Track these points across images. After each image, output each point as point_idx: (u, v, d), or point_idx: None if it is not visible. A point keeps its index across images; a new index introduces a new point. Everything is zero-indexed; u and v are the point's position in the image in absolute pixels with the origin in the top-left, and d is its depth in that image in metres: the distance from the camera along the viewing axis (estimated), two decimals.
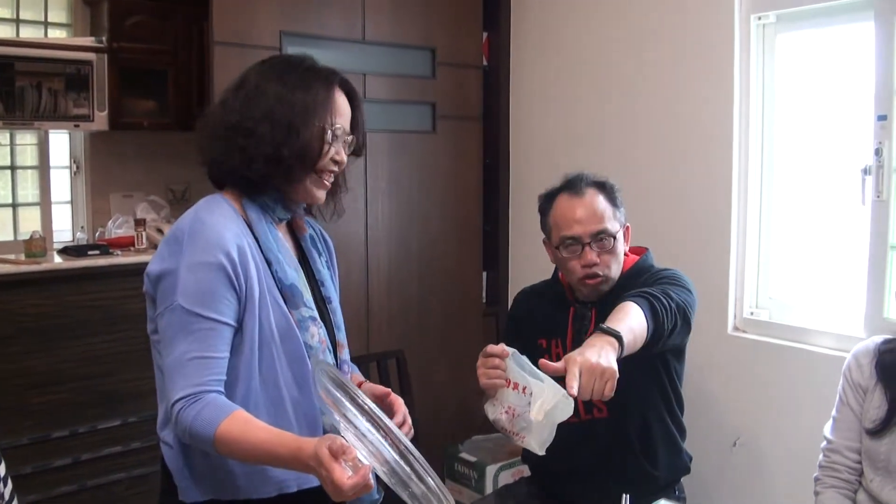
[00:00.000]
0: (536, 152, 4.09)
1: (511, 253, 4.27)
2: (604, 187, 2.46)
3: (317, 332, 1.82)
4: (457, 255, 4.08)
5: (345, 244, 3.62)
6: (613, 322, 2.03)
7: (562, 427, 2.27)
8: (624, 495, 1.98)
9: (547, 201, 2.53)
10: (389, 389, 1.88)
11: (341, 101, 1.85)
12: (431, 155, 3.94)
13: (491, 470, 3.80)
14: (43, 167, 3.74)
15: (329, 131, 1.80)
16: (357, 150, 1.92)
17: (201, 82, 3.53)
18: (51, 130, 3.64)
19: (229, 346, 1.69)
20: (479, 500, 2.99)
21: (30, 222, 3.66)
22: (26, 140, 3.75)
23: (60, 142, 3.84)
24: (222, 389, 1.67)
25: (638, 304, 2.11)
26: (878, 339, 2.24)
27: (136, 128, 3.63)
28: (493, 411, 2.10)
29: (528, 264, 4.11)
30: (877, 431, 2.14)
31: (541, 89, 4.04)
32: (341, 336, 1.95)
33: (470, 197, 4.13)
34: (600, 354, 1.89)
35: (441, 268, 4.02)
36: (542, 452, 2.06)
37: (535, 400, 2.01)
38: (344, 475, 1.42)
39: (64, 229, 3.82)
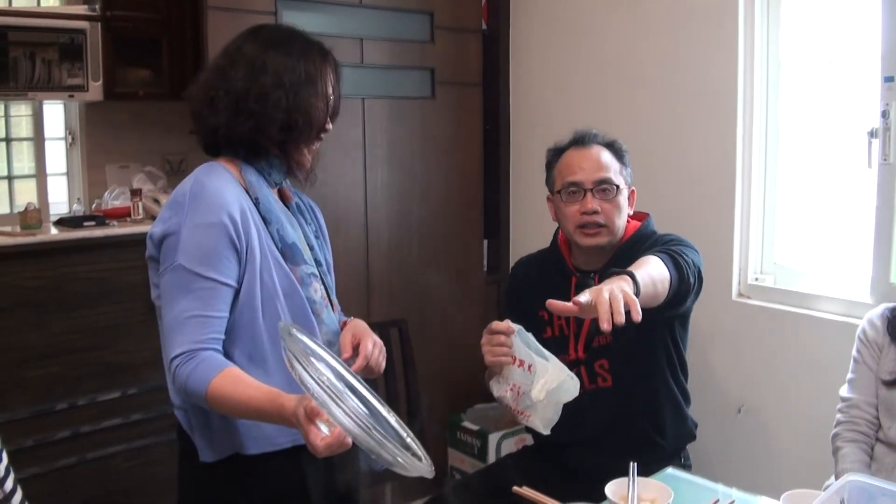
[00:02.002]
0: (538, 118, 4.04)
1: (512, 221, 4.24)
2: (612, 145, 2.45)
3: (319, 288, 1.89)
4: (457, 224, 4.04)
5: (344, 213, 3.59)
6: (637, 271, 1.95)
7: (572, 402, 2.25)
8: (631, 463, 1.97)
9: (554, 155, 2.52)
10: (365, 336, 1.91)
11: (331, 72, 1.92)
12: (431, 122, 3.90)
13: (493, 438, 3.80)
14: (38, 139, 3.69)
15: (331, 99, 1.90)
16: (333, 118, 1.97)
17: (196, 50, 3.48)
18: (45, 101, 3.60)
19: (229, 305, 1.74)
20: (481, 469, 2.97)
21: (25, 194, 3.62)
22: (21, 111, 3.71)
23: (55, 113, 3.80)
24: (219, 348, 1.72)
25: (657, 257, 2.08)
26: (890, 305, 2.31)
27: (132, 98, 3.58)
28: (499, 388, 2.12)
29: (530, 232, 4.08)
30: (893, 382, 2.22)
31: (542, 54, 3.99)
32: (334, 298, 2.02)
33: (470, 164, 4.09)
34: (617, 287, 1.82)
35: (441, 236, 3.98)
36: (546, 432, 2.06)
37: (539, 379, 2.04)
38: (318, 436, 1.47)
39: (60, 201, 3.78)
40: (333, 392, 1.38)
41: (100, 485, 3.10)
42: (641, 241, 2.41)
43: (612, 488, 1.89)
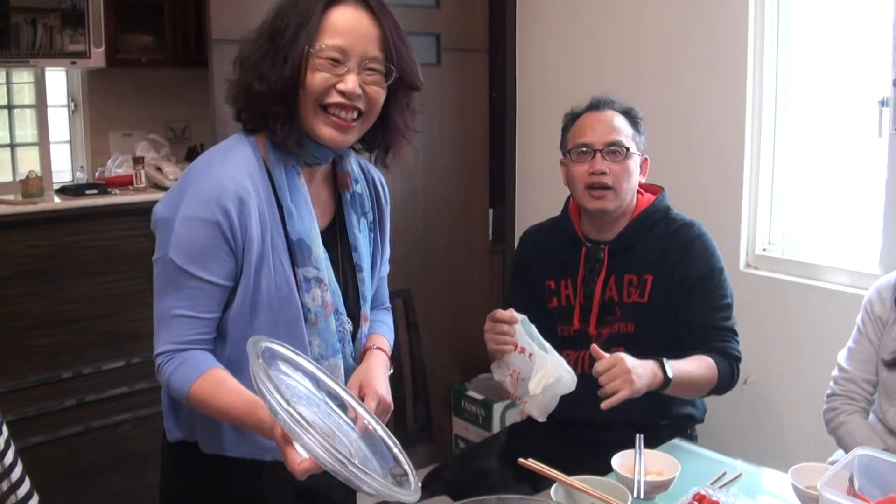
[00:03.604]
0: (544, 85, 4.00)
1: (518, 189, 4.21)
2: (629, 112, 2.44)
3: (320, 296, 1.68)
4: (463, 192, 4.02)
5: None
6: (677, 363, 2.15)
7: (582, 379, 2.27)
8: (637, 435, 1.97)
9: (570, 119, 2.51)
10: (369, 392, 1.73)
11: (345, 19, 1.62)
12: (436, 88, 3.85)
13: (498, 408, 3.80)
14: (40, 106, 3.68)
15: (311, 55, 1.59)
16: (406, 82, 1.73)
17: (199, 15, 3.44)
18: (47, 68, 3.57)
19: (220, 304, 1.63)
20: (488, 438, 2.97)
21: (28, 162, 3.60)
22: (23, 78, 3.69)
23: (58, 80, 3.77)
24: (207, 346, 1.63)
25: (717, 362, 2.25)
26: None
27: (134, 64, 3.56)
28: (499, 373, 2.18)
29: (535, 201, 4.05)
30: (894, 363, 2.15)
31: (549, 19, 3.94)
32: (366, 308, 1.83)
33: (476, 132, 4.05)
34: (642, 371, 2.03)
35: (447, 205, 3.95)
36: (542, 419, 2.12)
37: (536, 371, 2.09)
38: (296, 459, 1.36)
39: (64, 169, 3.77)
40: (302, 422, 1.26)
41: (105, 453, 3.12)
42: (654, 216, 2.41)
43: (618, 461, 1.89)
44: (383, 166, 1.83)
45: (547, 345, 2.12)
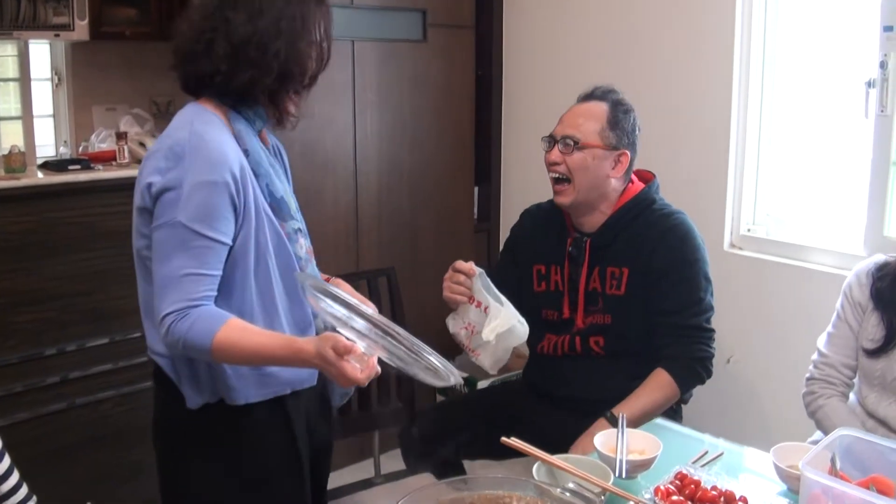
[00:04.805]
0: (531, 63, 3.99)
1: (503, 167, 4.21)
2: (614, 104, 2.43)
3: (304, 244, 1.88)
4: (448, 170, 4.00)
5: (332, 158, 3.55)
6: (628, 404, 2.24)
7: (559, 359, 2.32)
8: (620, 414, 1.98)
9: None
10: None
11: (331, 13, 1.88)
12: (422, 65, 3.83)
13: (482, 385, 3.81)
14: (24, 79, 3.63)
15: (325, 45, 1.85)
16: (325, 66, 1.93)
17: None
18: (31, 41, 3.53)
19: (223, 263, 1.74)
20: (458, 397, 3.00)
21: (12, 136, 3.56)
22: (7, 51, 3.64)
23: (41, 52, 3.73)
24: (212, 304, 1.72)
25: (673, 378, 2.31)
26: (880, 259, 2.23)
27: (118, 38, 3.52)
28: (454, 325, 2.28)
29: (521, 179, 4.05)
30: (874, 351, 2.16)
31: None
32: (309, 243, 1.99)
33: (462, 109, 4.04)
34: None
35: (432, 182, 3.94)
36: (493, 371, 2.23)
37: (491, 321, 2.17)
38: (356, 370, 1.61)
39: (47, 144, 3.73)
40: (370, 319, 1.56)
41: (88, 430, 3.10)
42: (637, 208, 2.44)
43: (600, 439, 1.90)
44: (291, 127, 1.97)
45: (502, 297, 2.21)
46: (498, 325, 2.15)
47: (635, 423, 2.13)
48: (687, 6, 3.27)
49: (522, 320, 2.17)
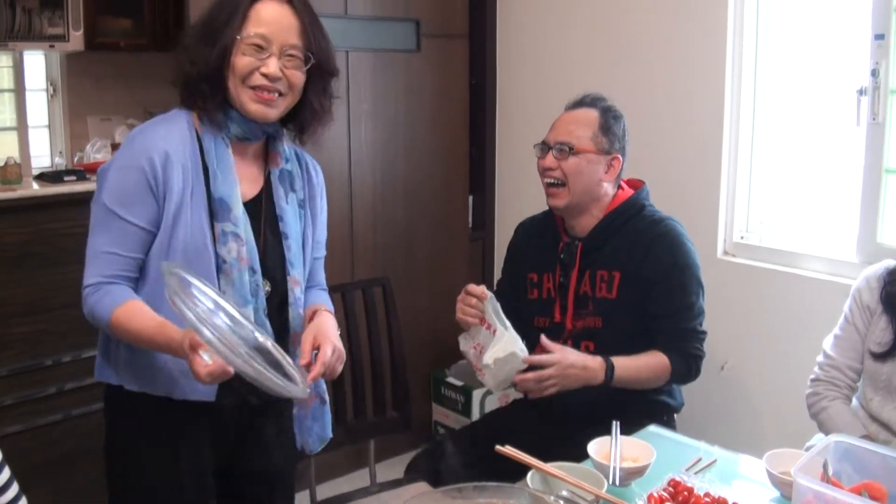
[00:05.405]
0: (525, 72, 4.00)
1: (498, 176, 4.21)
2: (605, 111, 2.49)
3: (236, 249, 1.84)
4: (443, 179, 4.02)
5: (327, 168, 3.48)
6: (625, 360, 2.33)
7: None
8: (614, 422, 1.99)
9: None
10: (325, 341, 1.87)
11: (269, 12, 1.83)
12: (416, 75, 3.85)
13: (477, 394, 3.82)
14: (19, 90, 3.64)
15: (238, 42, 1.80)
16: (324, 68, 1.92)
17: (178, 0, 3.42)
18: (25, 52, 3.54)
19: (143, 248, 1.80)
20: (466, 426, 2.99)
21: (7, 147, 3.56)
22: (2, 62, 3.65)
23: (36, 63, 3.73)
24: (128, 284, 1.81)
25: (670, 357, 2.38)
26: (891, 264, 2.24)
27: (113, 48, 3.53)
28: (465, 344, 2.37)
29: (515, 187, 4.06)
30: (882, 355, 2.17)
31: (530, 6, 3.93)
32: (296, 273, 1.97)
33: (456, 119, 4.05)
34: (580, 372, 2.29)
35: (427, 192, 3.95)
36: (497, 392, 2.22)
37: (494, 345, 2.25)
38: (201, 364, 1.59)
39: (42, 154, 3.74)
40: (209, 324, 1.51)
41: (85, 441, 3.09)
42: (627, 213, 2.48)
43: (594, 447, 1.91)
44: (301, 143, 2.03)
45: (507, 323, 2.27)
46: (497, 351, 2.23)
47: (623, 381, 2.32)
48: (679, 14, 3.29)
49: (523, 347, 2.24)
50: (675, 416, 2.57)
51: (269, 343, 1.77)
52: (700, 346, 2.43)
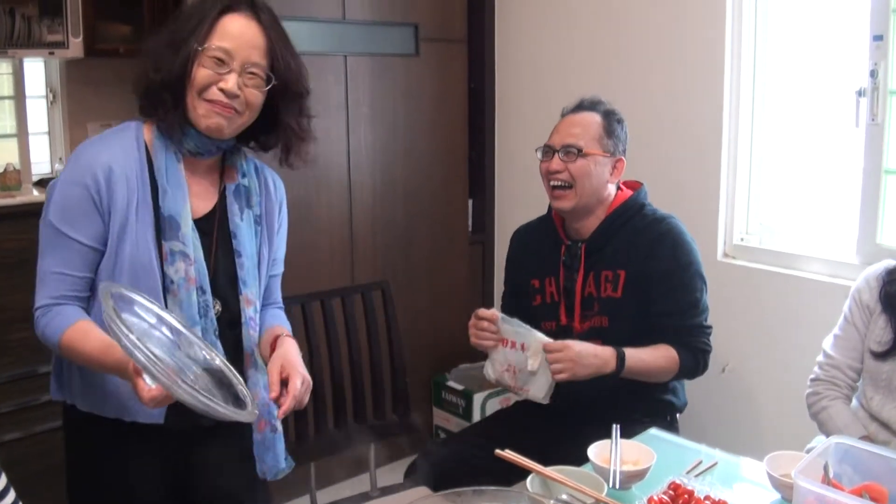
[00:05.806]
0: (523, 76, 4.00)
1: (497, 180, 4.21)
2: (607, 114, 2.50)
3: (183, 269, 1.80)
4: (442, 182, 4.01)
5: (326, 172, 3.55)
6: (635, 350, 2.32)
7: None
8: (614, 425, 1.98)
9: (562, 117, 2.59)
10: (293, 373, 1.84)
11: (235, 26, 1.78)
12: (415, 79, 3.85)
13: (478, 398, 3.81)
14: (19, 97, 3.65)
15: (199, 53, 1.75)
16: (290, 90, 1.87)
17: (177, 5, 3.42)
18: (25, 59, 3.54)
19: (91, 266, 1.77)
20: (467, 428, 2.98)
21: (7, 154, 3.57)
22: (1, 69, 3.65)
23: (36, 70, 3.74)
24: (78, 304, 1.78)
25: (680, 352, 2.38)
26: (890, 264, 2.24)
27: (112, 55, 3.54)
28: (494, 371, 2.36)
29: (515, 191, 4.06)
30: (882, 354, 2.17)
31: (528, 9, 3.93)
32: (248, 292, 1.92)
33: (455, 122, 4.05)
34: (592, 360, 2.26)
35: (426, 195, 3.95)
36: (547, 401, 2.21)
37: (528, 351, 2.27)
38: (144, 389, 1.54)
39: (42, 161, 3.74)
40: (150, 354, 1.46)
41: None
42: (628, 213, 2.49)
43: (594, 450, 1.90)
44: (288, 166, 1.96)
45: (527, 326, 2.30)
46: (535, 352, 2.25)
47: (633, 371, 2.31)
48: (677, 16, 3.29)
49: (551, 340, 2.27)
50: (678, 416, 2.56)
51: (217, 361, 1.74)
52: (707, 341, 2.44)
